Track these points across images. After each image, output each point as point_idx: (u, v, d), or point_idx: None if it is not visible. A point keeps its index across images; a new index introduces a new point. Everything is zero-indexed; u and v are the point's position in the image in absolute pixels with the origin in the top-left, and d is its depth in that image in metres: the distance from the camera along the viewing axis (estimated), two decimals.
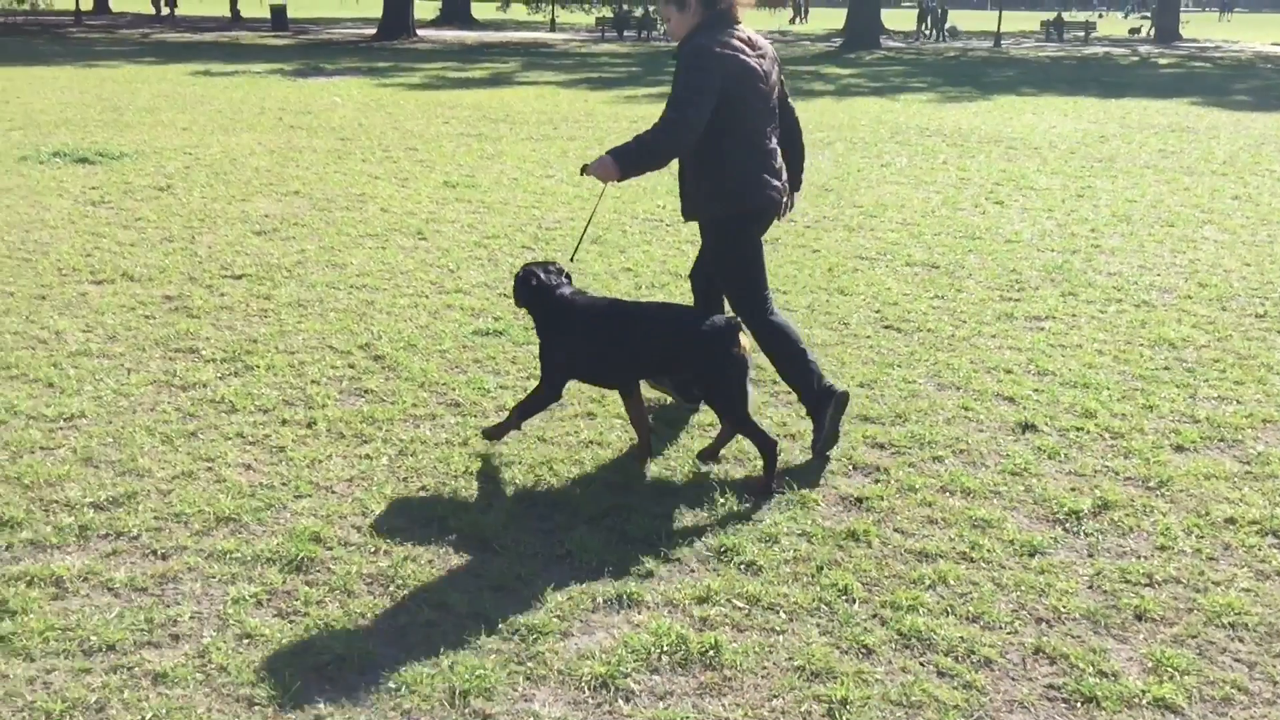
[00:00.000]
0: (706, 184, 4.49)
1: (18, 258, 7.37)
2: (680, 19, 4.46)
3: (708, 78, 4.26)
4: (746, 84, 4.37)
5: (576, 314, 4.39)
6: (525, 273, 4.47)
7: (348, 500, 4.10)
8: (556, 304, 4.40)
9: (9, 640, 3.17)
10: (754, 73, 4.39)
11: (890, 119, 16.91)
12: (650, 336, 4.37)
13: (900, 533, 3.95)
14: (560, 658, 3.19)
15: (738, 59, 4.34)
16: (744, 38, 4.44)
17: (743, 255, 4.61)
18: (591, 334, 4.36)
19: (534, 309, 4.48)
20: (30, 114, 14.93)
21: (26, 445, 4.45)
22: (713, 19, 4.42)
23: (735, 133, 4.40)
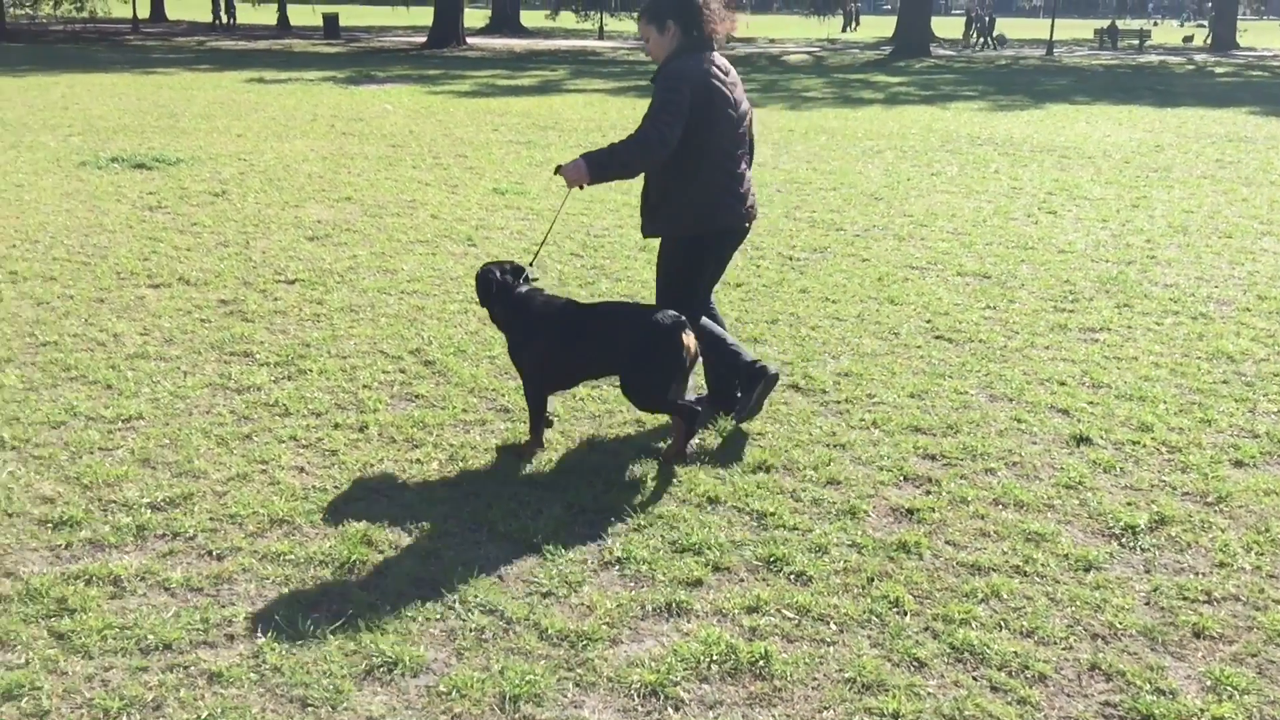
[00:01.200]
0: (673, 203, 4.66)
1: (77, 261, 7.50)
2: (659, 41, 4.64)
3: (682, 98, 4.45)
4: (718, 108, 4.56)
5: (534, 313, 4.56)
6: (484, 271, 4.66)
7: (399, 504, 4.13)
8: (515, 303, 4.58)
9: (68, 638, 3.22)
10: (726, 99, 4.59)
11: (941, 127, 16.79)
12: (602, 334, 4.51)
13: (952, 545, 3.91)
14: (610, 665, 3.19)
15: (712, 84, 4.54)
16: (719, 64, 4.64)
17: (690, 269, 4.80)
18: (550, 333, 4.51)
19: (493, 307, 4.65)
20: (89, 120, 15.21)
21: (86, 446, 4.53)
22: (691, 44, 4.61)
23: (705, 154, 4.58)
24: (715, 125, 4.57)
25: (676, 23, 4.60)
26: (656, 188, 4.71)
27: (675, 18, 4.59)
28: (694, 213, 4.66)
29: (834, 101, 21.44)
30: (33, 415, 4.82)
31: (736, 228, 4.81)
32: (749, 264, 7.87)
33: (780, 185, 11.26)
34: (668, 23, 4.60)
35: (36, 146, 12.59)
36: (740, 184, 4.75)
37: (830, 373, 5.62)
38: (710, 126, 4.56)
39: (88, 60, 28.01)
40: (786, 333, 6.28)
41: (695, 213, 4.66)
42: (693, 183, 4.62)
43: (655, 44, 4.66)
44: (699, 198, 4.64)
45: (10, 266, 7.29)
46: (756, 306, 6.79)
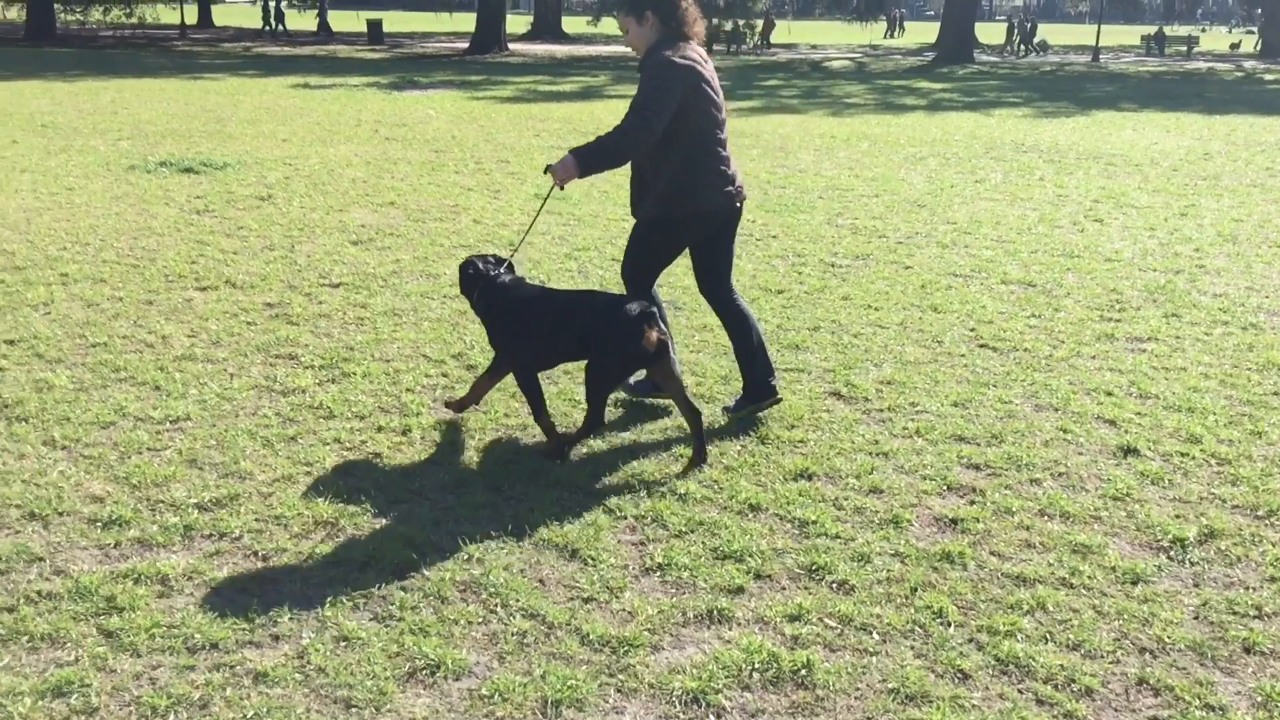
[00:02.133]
0: (661, 185, 4.79)
1: (126, 264, 7.61)
2: (639, 32, 4.80)
3: (670, 87, 4.59)
4: (703, 94, 4.71)
5: (510, 300, 4.71)
6: (466, 263, 4.85)
7: (442, 507, 4.15)
8: (495, 291, 4.73)
9: (117, 636, 3.27)
10: (710, 84, 4.75)
11: (984, 134, 16.67)
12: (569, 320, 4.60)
13: (997, 556, 3.88)
14: (651, 671, 3.19)
15: (696, 70, 4.69)
16: (698, 52, 4.78)
17: (659, 251, 4.99)
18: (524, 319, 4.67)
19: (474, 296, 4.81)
20: (138, 124, 15.44)
21: (134, 446, 4.59)
22: (670, 34, 4.76)
23: (691, 139, 4.73)
24: (700, 110, 4.72)
25: (655, 13, 4.75)
26: (648, 171, 4.83)
27: (653, 9, 4.74)
28: (684, 193, 4.79)
29: (876, 108, 21.35)
30: (83, 415, 4.89)
31: (727, 207, 4.92)
32: (791, 271, 7.84)
33: (822, 191, 11.22)
34: (646, 13, 4.75)
35: (87, 150, 12.79)
36: (727, 165, 4.88)
37: (873, 381, 5.59)
38: (696, 112, 4.70)
39: (136, 65, 28.43)
40: (828, 340, 6.25)
41: (685, 193, 4.79)
42: (681, 165, 4.75)
43: (635, 35, 4.82)
44: (688, 179, 4.77)
45: (61, 268, 7.41)
46: (798, 314, 6.77)
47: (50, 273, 7.30)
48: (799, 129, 17.11)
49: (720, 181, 4.84)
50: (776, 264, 8.06)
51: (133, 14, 45.19)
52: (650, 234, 4.96)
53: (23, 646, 3.21)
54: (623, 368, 4.54)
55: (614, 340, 4.45)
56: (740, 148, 14.57)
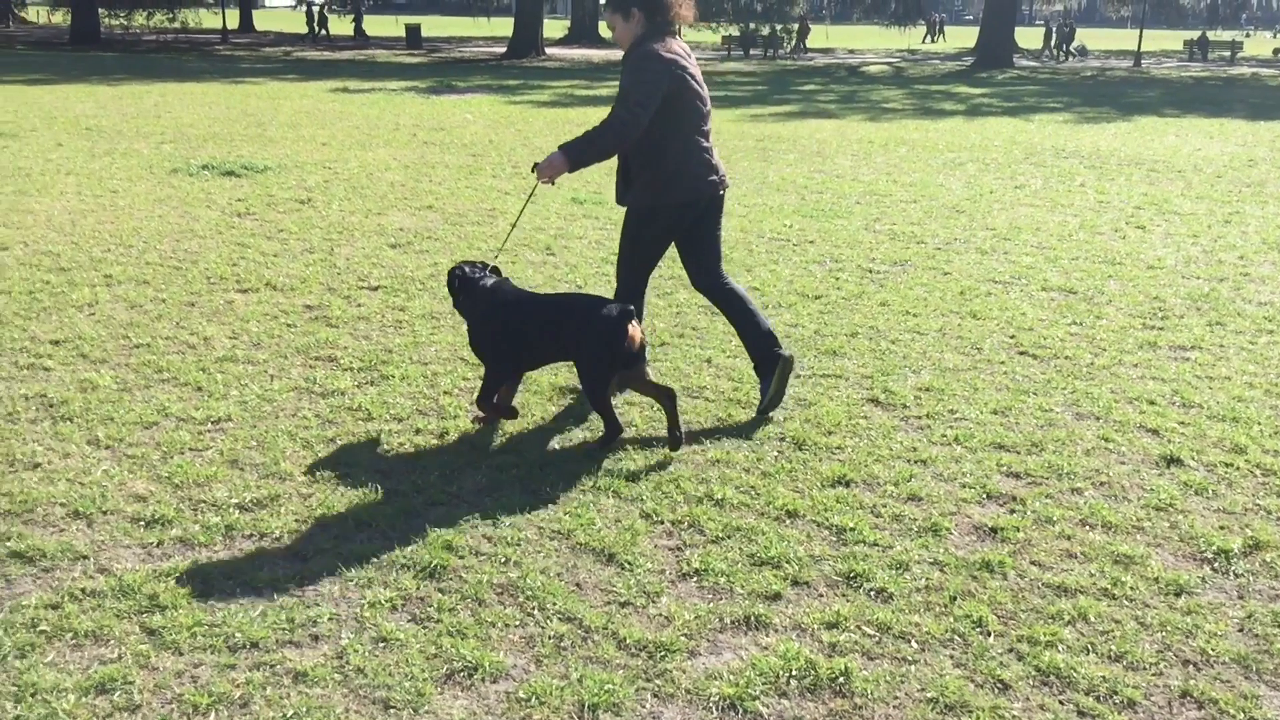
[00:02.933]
0: (647, 175, 4.95)
1: (169, 266, 7.70)
2: (625, 28, 4.93)
3: (655, 80, 4.75)
4: (686, 87, 4.86)
5: (496, 303, 4.81)
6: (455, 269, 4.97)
7: (479, 510, 4.16)
8: (480, 294, 4.84)
9: (159, 634, 3.30)
10: (693, 77, 4.91)
11: (1024, 140, 16.54)
12: (552, 322, 4.72)
13: (1037, 565, 3.84)
14: (688, 676, 3.18)
15: (679, 63, 4.84)
16: (680, 47, 4.93)
17: (651, 241, 5.11)
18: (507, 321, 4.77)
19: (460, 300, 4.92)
20: (180, 128, 15.62)
21: (177, 446, 4.64)
22: (655, 29, 4.89)
23: (675, 130, 4.89)
24: (684, 103, 4.87)
25: (640, 9, 4.87)
26: (635, 161, 4.97)
27: (639, 5, 4.86)
28: (669, 183, 4.95)
29: (914, 113, 21.24)
30: (126, 415, 4.95)
31: (710, 195, 5.07)
32: (828, 276, 7.82)
33: (859, 197, 11.18)
34: (632, 10, 4.87)
35: (130, 153, 12.96)
36: (710, 155, 5.05)
37: (911, 387, 5.55)
38: (680, 104, 4.85)
39: (179, 69, 28.78)
40: (866, 346, 6.22)
41: (671, 183, 4.95)
42: (667, 156, 4.91)
43: (621, 30, 4.95)
44: (674, 169, 4.93)
45: (105, 270, 7.50)
46: (835, 319, 6.74)
47: (95, 274, 7.40)
48: (836, 134, 17.05)
49: (704, 170, 5.00)
50: (813, 269, 8.03)
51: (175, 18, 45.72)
52: (639, 227, 5.09)
53: (67, 643, 3.25)
54: (610, 366, 4.61)
55: (598, 341, 4.55)
56: (777, 152, 14.55)
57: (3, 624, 3.32)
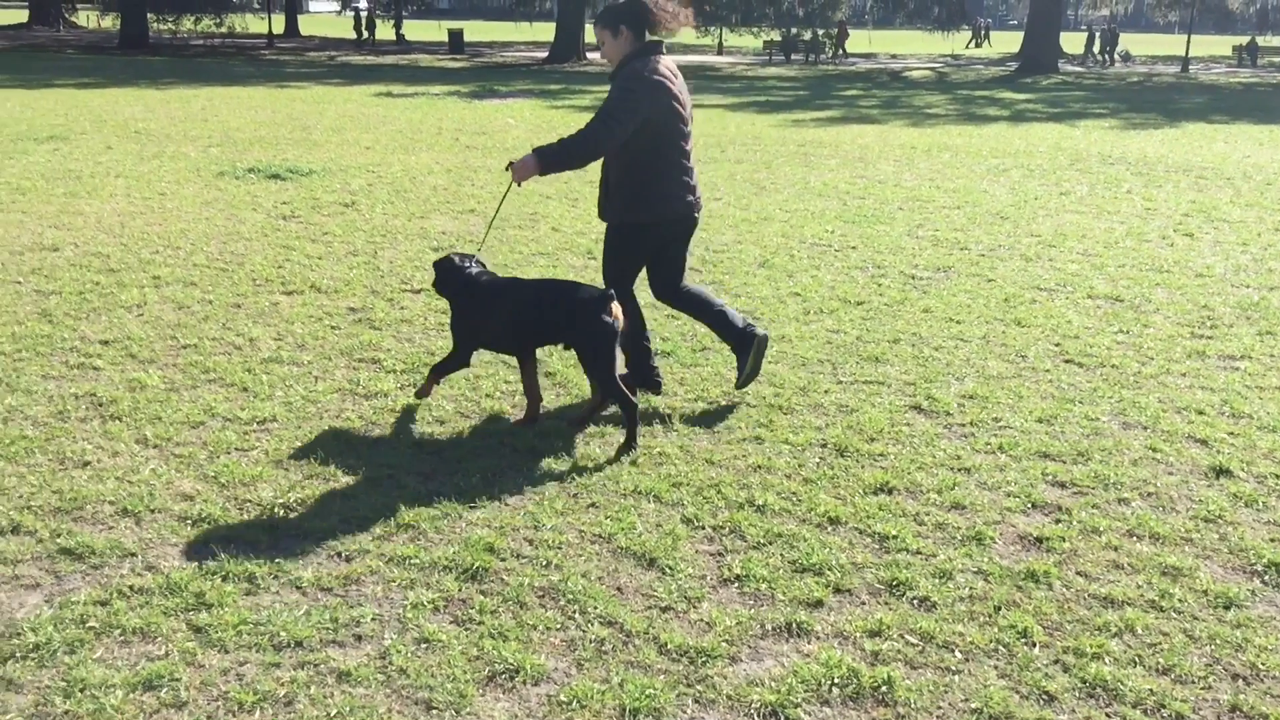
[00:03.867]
0: (626, 192, 5.08)
1: (215, 267, 7.79)
2: (614, 45, 5.05)
3: (637, 101, 4.88)
4: (670, 109, 4.98)
5: (478, 290, 4.97)
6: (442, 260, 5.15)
7: (520, 513, 4.18)
8: (464, 282, 5.02)
9: (206, 631, 3.34)
10: (677, 99, 5.01)
11: (1069, 146, 16.38)
12: (536, 308, 4.87)
13: (1083, 576, 3.79)
14: (729, 683, 3.18)
15: (664, 85, 4.95)
16: (669, 66, 5.05)
17: (631, 255, 5.26)
18: (489, 307, 4.95)
19: (445, 288, 5.09)
20: (227, 131, 15.81)
21: (223, 446, 4.69)
22: (643, 48, 5.02)
23: (657, 151, 5.02)
24: (666, 123, 4.99)
25: (629, 27, 5.01)
26: (614, 177, 5.12)
27: (627, 23, 5.00)
28: (646, 201, 5.08)
29: (957, 118, 21.09)
30: (174, 415, 5.01)
31: (685, 215, 5.19)
32: (870, 282, 7.78)
33: (902, 202, 11.11)
34: (620, 27, 5.02)
35: (178, 157, 13.13)
36: (689, 176, 5.17)
37: (954, 395, 5.51)
38: (662, 124, 4.98)
39: (226, 74, 29.13)
40: (909, 353, 6.18)
41: (647, 201, 5.08)
42: (646, 174, 5.03)
43: (610, 47, 5.08)
44: (651, 188, 5.06)
45: (154, 271, 7.61)
46: (878, 325, 6.70)
47: (143, 275, 7.50)
48: (878, 139, 16.97)
49: (681, 191, 5.12)
50: (856, 275, 8.00)
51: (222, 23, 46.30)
52: (619, 240, 5.23)
53: (115, 640, 3.30)
54: (607, 344, 4.74)
55: (588, 320, 4.72)
56: (819, 158, 14.50)
57: (53, 620, 3.37)
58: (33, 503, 4.13)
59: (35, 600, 3.50)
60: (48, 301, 6.81)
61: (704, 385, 5.58)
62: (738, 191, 11.64)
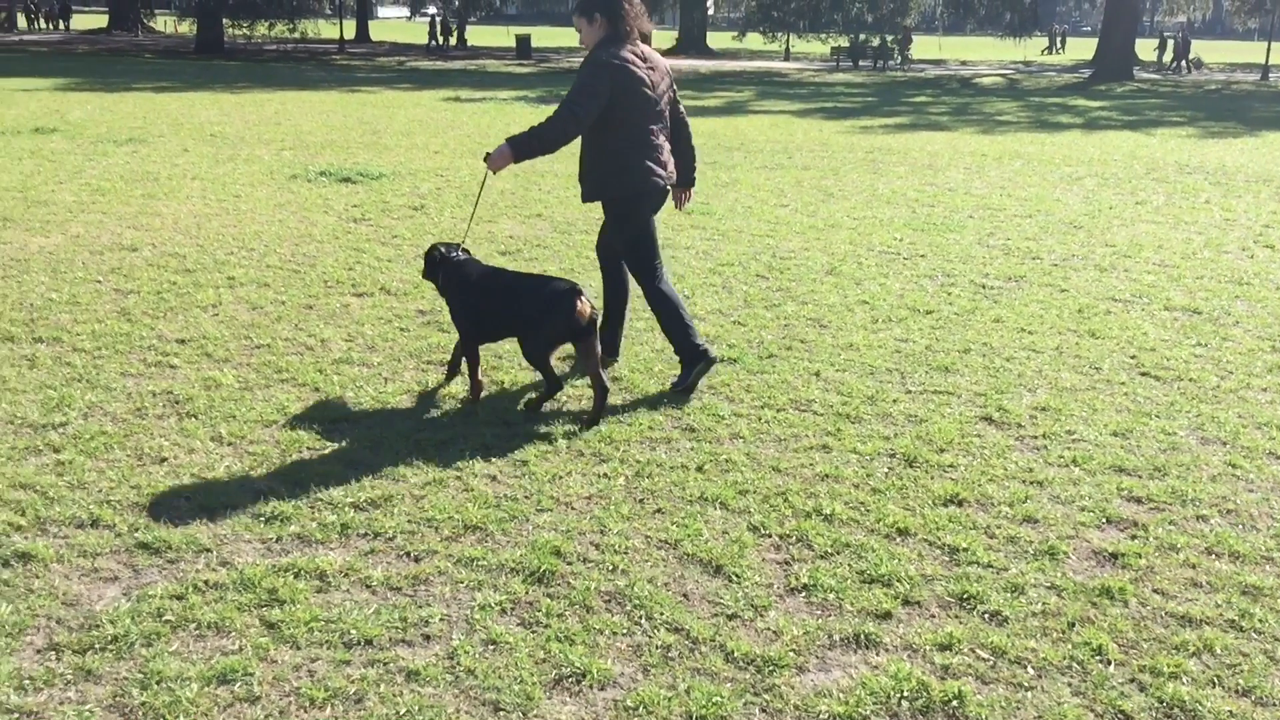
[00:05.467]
0: (600, 171, 5.43)
1: (288, 269, 7.92)
2: (590, 31, 5.39)
3: (599, 84, 5.20)
4: (633, 90, 5.28)
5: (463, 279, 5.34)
6: (431, 249, 5.52)
7: (586, 517, 4.19)
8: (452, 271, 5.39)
9: (279, 628, 3.38)
10: (641, 81, 5.30)
11: (1145, 154, 16.07)
12: (510, 297, 5.20)
13: (1160, 594, 3.71)
14: (796, 693, 3.15)
15: (627, 69, 5.25)
16: (639, 52, 5.36)
17: (635, 229, 5.51)
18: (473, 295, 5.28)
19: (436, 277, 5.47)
20: (300, 135, 16.07)
21: (295, 445, 4.76)
22: (616, 34, 5.34)
23: (624, 129, 5.32)
24: (632, 104, 5.29)
25: (603, 15, 5.32)
26: (587, 158, 5.48)
27: (602, 11, 5.32)
28: (617, 177, 5.39)
29: (1029, 126, 20.79)
30: (248, 414, 5.10)
31: (655, 190, 5.46)
32: (940, 291, 7.69)
33: (972, 211, 10.98)
34: (595, 15, 5.34)
35: (252, 160, 13.37)
36: (659, 153, 5.44)
37: (1026, 406, 5.43)
38: (627, 105, 5.27)
39: (298, 78, 29.62)
40: (979, 363, 6.10)
41: (618, 177, 5.38)
42: (615, 152, 5.35)
43: (586, 34, 5.40)
44: (620, 164, 5.36)
45: (229, 272, 7.75)
46: (948, 335, 6.62)
47: (218, 275, 7.64)
48: (948, 146, 16.78)
49: (650, 166, 5.39)
50: (925, 284, 7.91)
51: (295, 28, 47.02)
52: (620, 221, 5.53)
53: (190, 633, 3.36)
54: (553, 338, 5.12)
55: (551, 313, 5.02)
56: (887, 165, 14.38)
57: (130, 612, 3.44)
58: (111, 497, 4.22)
59: (113, 593, 3.57)
60: (126, 300, 6.96)
61: (770, 393, 5.55)
62: (805, 198, 11.57)
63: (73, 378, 5.52)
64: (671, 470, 4.63)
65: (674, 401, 5.39)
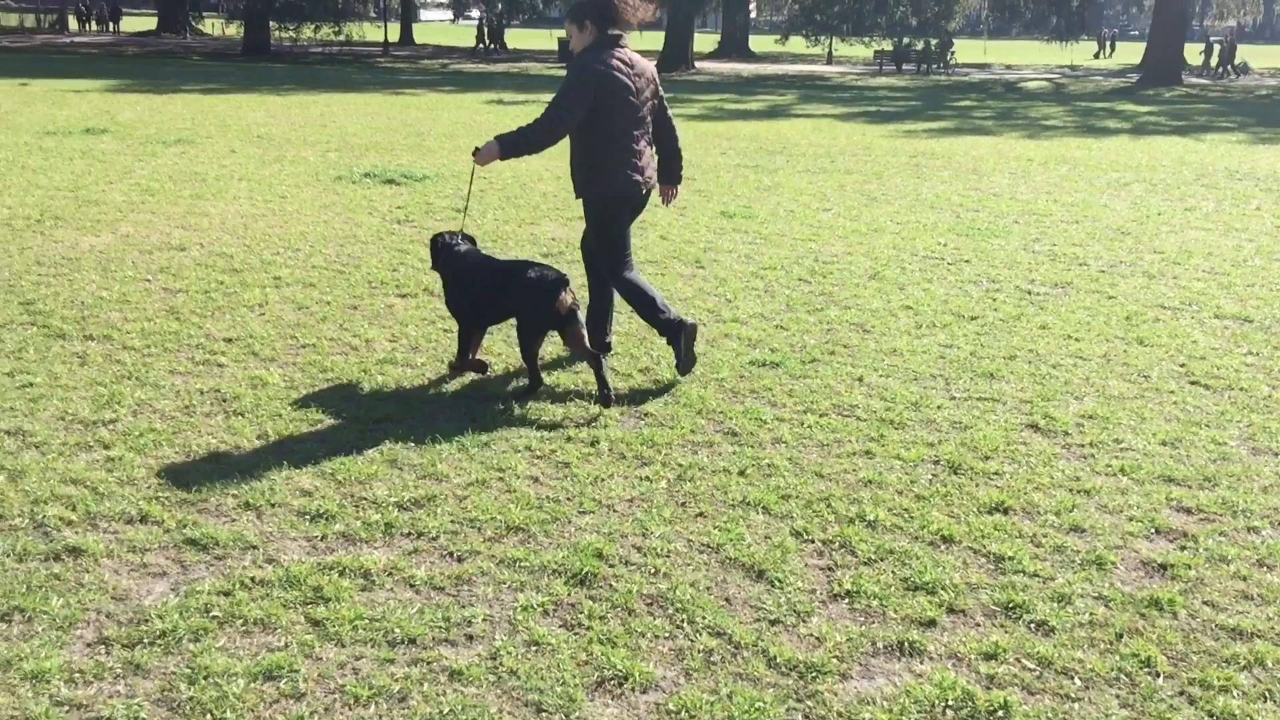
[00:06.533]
0: (584, 170, 5.67)
1: (334, 269, 7.99)
2: (579, 36, 5.63)
3: (584, 89, 5.43)
4: (618, 95, 5.50)
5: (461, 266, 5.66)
6: (434, 238, 5.84)
7: (628, 520, 4.19)
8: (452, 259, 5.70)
9: (324, 625, 3.41)
10: (626, 87, 5.53)
11: (1195, 160, 15.85)
12: (500, 285, 5.50)
13: (1210, 606, 3.66)
14: (840, 700, 3.13)
15: (612, 74, 5.48)
16: (624, 58, 5.58)
17: (611, 228, 5.75)
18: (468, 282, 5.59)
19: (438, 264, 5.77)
20: (345, 137, 16.21)
21: (340, 444, 4.80)
22: (603, 40, 5.57)
23: (608, 132, 5.55)
24: (615, 108, 5.51)
25: (593, 22, 5.57)
26: (576, 156, 5.71)
27: (591, 18, 5.57)
28: (600, 177, 5.62)
29: (1076, 130, 20.57)
30: (293, 413, 5.14)
31: (634, 193, 5.69)
32: (984, 297, 7.62)
33: (1017, 216, 10.87)
34: (585, 21, 5.58)
35: (298, 161, 13.50)
36: (638, 158, 5.66)
37: (1073, 414, 5.37)
38: (611, 109, 5.50)
39: (343, 81, 29.88)
40: (1025, 370, 6.04)
41: (601, 176, 5.62)
42: (598, 154, 5.58)
43: (576, 38, 5.64)
44: (603, 165, 5.59)
45: (275, 272, 7.83)
46: (992, 341, 6.56)
47: (265, 275, 7.73)
48: (992, 151, 16.64)
49: (629, 169, 5.62)
50: (969, 289, 7.85)
51: (340, 31, 47.44)
52: (599, 219, 5.75)
53: (237, 629, 3.39)
54: (539, 327, 5.40)
55: (534, 303, 5.30)
56: (931, 169, 14.28)
57: (179, 608, 3.48)
58: (160, 494, 4.27)
59: (162, 588, 3.62)
60: (175, 299, 7.05)
61: (813, 397, 5.53)
62: (847, 202, 11.52)
63: (122, 375, 5.60)
64: (713, 474, 4.62)
65: (719, 406, 5.38)
